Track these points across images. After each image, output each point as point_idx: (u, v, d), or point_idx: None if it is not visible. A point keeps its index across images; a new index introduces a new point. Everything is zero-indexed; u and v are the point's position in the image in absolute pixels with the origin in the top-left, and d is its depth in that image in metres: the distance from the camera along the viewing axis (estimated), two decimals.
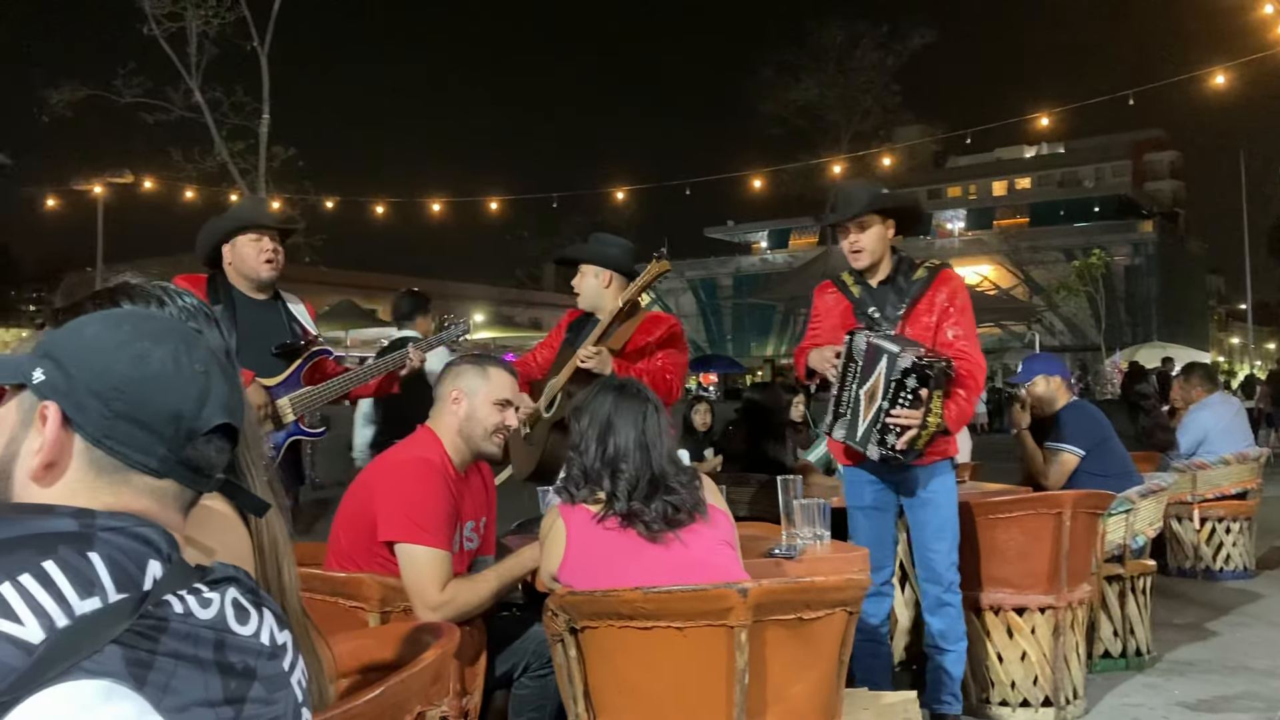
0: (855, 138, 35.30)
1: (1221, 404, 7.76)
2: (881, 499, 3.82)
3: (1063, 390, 5.32)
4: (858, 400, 3.62)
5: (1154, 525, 5.27)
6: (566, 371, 3.98)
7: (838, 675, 2.51)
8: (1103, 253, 45.39)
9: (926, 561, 3.81)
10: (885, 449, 3.54)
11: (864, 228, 3.76)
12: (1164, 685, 4.67)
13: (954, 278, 3.85)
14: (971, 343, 3.73)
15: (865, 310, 3.80)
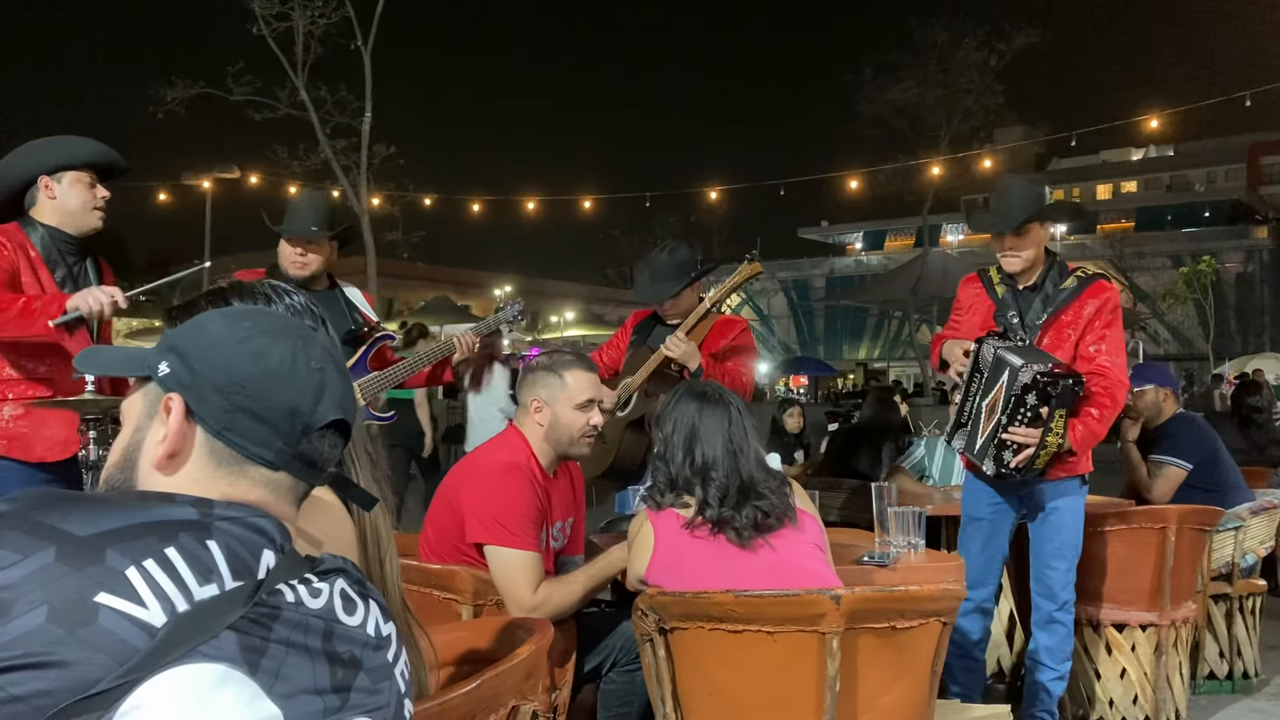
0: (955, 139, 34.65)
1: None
2: (998, 513, 3.71)
3: (1171, 401, 5.18)
4: (979, 411, 3.52)
5: (1265, 544, 5.08)
6: (645, 370, 3.99)
7: (930, 686, 2.47)
8: (1213, 259, 43.80)
9: (1043, 578, 3.69)
10: (1001, 465, 3.44)
11: (1021, 235, 3.56)
12: (1273, 710, 4.49)
13: (1107, 289, 3.64)
14: (1116, 359, 3.55)
15: (1005, 314, 3.65)
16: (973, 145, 33.19)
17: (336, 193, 23.33)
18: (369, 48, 22.64)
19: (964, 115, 35.95)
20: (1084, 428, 3.46)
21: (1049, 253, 3.69)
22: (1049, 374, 3.32)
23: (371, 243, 23.71)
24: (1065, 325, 3.58)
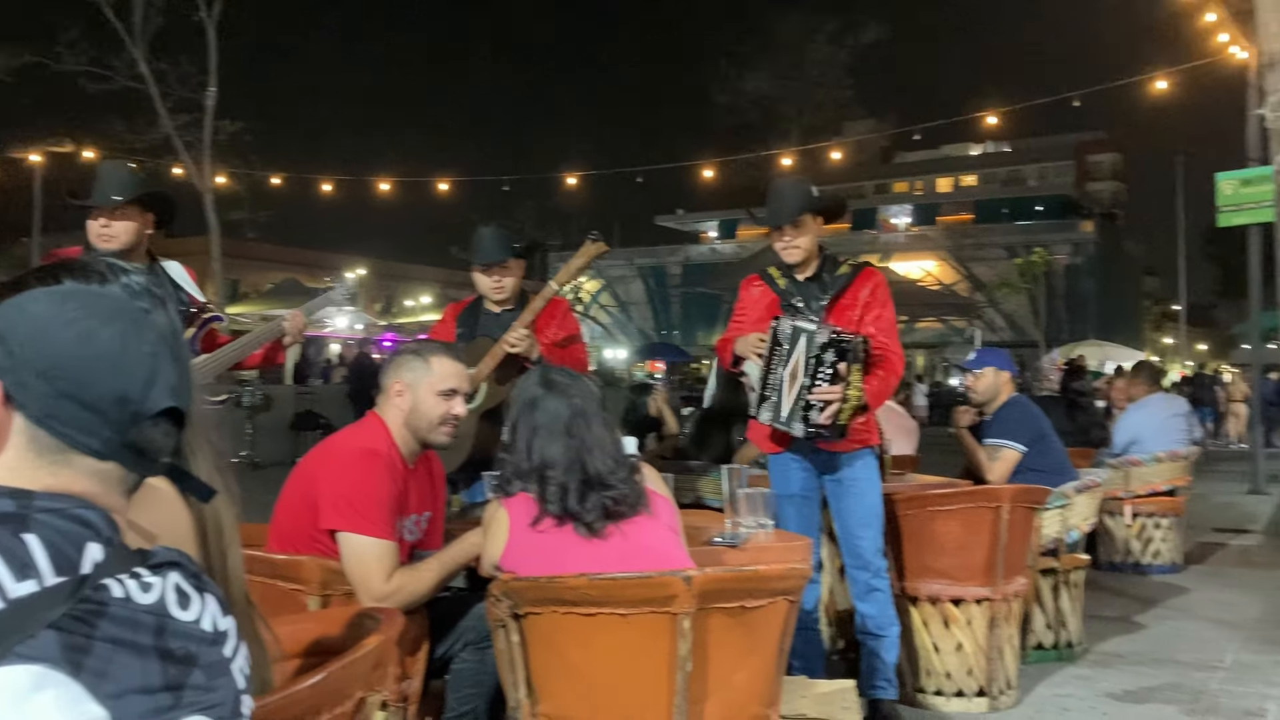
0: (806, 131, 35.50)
1: (1160, 404, 7.94)
2: (808, 486, 3.90)
3: (1008, 384, 5.45)
4: (781, 382, 3.72)
5: (1088, 520, 5.39)
6: (491, 360, 3.97)
7: (778, 664, 2.54)
8: (1044, 251, 46.16)
9: (854, 548, 3.88)
10: (809, 425, 3.64)
11: (799, 226, 3.88)
12: (1093, 676, 4.78)
13: (876, 274, 4.01)
14: (891, 335, 3.89)
15: (790, 301, 3.92)
16: (823, 137, 34.05)
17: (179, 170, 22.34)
18: (214, 18, 21.73)
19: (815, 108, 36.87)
20: (877, 384, 3.77)
21: (823, 249, 3.99)
22: (842, 336, 3.60)
23: (215, 222, 22.81)
24: (846, 308, 3.88)
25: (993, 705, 4.25)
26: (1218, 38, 13.84)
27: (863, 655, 3.96)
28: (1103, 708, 4.35)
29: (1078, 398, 9.04)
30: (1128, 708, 4.35)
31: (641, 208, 58.77)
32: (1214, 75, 15.66)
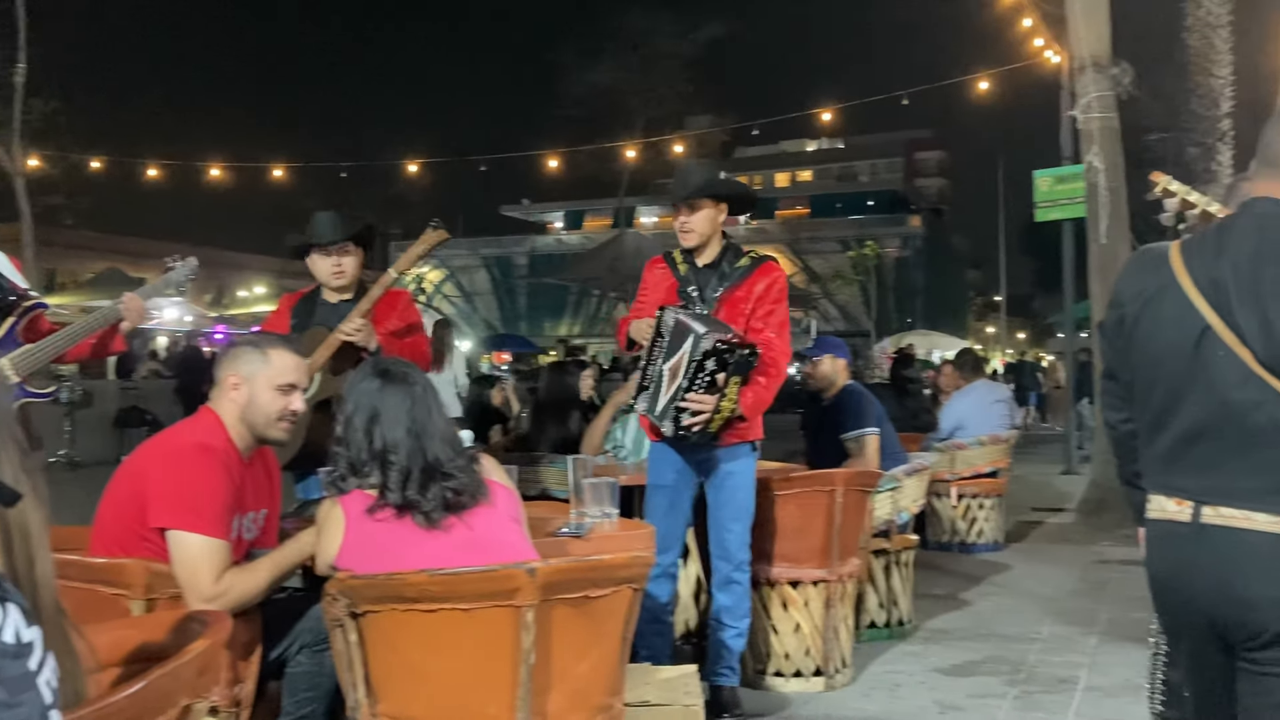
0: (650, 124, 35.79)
1: (983, 390, 8.36)
2: (682, 478, 3.90)
3: (844, 371, 5.65)
4: (661, 375, 3.70)
5: (917, 502, 5.63)
6: (326, 349, 3.86)
7: (621, 652, 2.56)
8: (875, 244, 47.94)
9: (721, 540, 3.93)
10: (679, 427, 3.64)
11: (694, 209, 3.86)
12: (923, 652, 5.00)
13: (775, 270, 3.99)
14: (781, 333, 3.88)
15: (686, 289, 3.91)
16: (665, 131, 34.39)
17: None
18: None
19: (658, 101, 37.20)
20: (754, 395, 3.75)
21: (727, 237, 3.98)
22: (728, 343, 3.55)
23: (28, 208, 21.44)
24: (739, 300, 3.87)
25: (829, 684, 4.39)
26: (1034, 42, 14.60)
27: (711, 643, 4.03)
28: (931, 682, 4.55)
29: (907, 385, 9.44)
30: (954, 681, 4.56)
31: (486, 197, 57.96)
32: (1031, 77, 16.52)
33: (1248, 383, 1.85)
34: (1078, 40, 9.33)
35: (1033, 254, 46.11)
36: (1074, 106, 9.58)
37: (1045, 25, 13.61)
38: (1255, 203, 1.96)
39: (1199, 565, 1.92)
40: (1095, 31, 9.15)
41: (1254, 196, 1.97)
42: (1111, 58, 9.22)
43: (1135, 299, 2.06)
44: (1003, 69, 17.75)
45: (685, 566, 4.73)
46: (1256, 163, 2.01)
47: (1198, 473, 1.93)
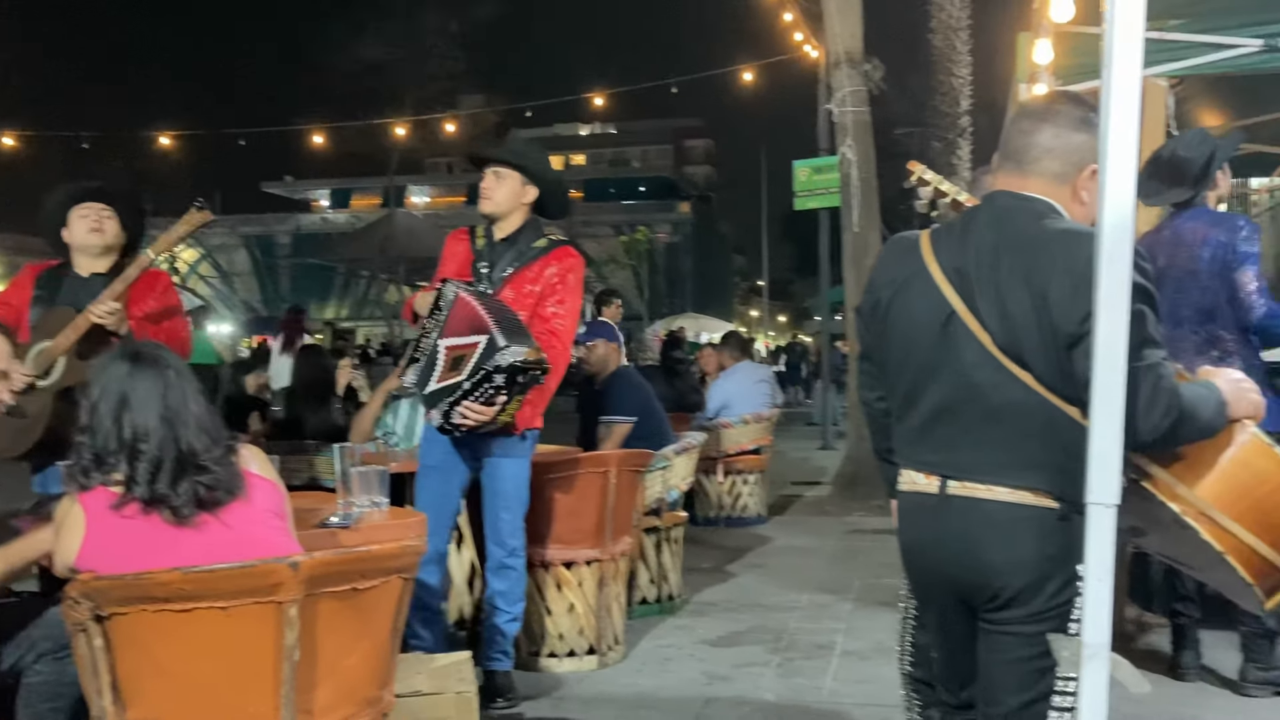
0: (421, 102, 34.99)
1: (747, 371, 8.68)
2: (451, 461, 3.83)
3: (616, 356, 5.74)
4: (435, 351, 3.58)
5: (686, 480, 5.79)
6: (72, 331, 3.55)
7: (392, 643, 2.50)
8: (647, 230, 48.89)
9: (494, 526, 3.90)
10: (447, 421, 3.57)
11: (500, 178, 3.79)
12: (692, 625, 5.15)
13: (572, 255, 3.90)
14: (568, 323, 3.84)
15: (479, 264, 3.83)
16: (437, 109, 33.75)
17: None
18: None
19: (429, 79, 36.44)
20: (531, 409, 3.75)
21: (535, 216, 3.92)
22: (524, 365, 3.46)
23: None
24: (527, 281, 3.81)
25: (601, 662, 4.46)
26: (795, 36, 15.20)
27: (485, 628, 4.00)
28: (700, 654, 4.69)
29: (676, 366, 9.66)
30: (721, 651, 4.72)
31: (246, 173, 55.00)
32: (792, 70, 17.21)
33: (988, 365, 1.99)
34: (833, 36, 9.79)
35: (793, 241, 48.27)
36: (830, 100, 10.06)
37: (805, 21, 14.20)
38: (996, 195, 2.11)
39: (945, 534, 2.06)
40: (849, 29, 9.62)
41: (995, 190, 2.12)
42: (864, 55, 9.73)
43: (888, 285, 2.18)
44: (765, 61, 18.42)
45: (459, 552, 4.68)
46: (998, 157, 2.17)
47: (944, 448, 2.06)
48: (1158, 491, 2.00)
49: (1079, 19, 4.12)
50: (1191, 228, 3.92)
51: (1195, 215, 3.95)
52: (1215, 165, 3.96)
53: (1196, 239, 3.89)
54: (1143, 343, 1.82)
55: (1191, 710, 3.81)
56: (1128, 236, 1.72)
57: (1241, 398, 1.99)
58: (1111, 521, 1.72)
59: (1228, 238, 3.83)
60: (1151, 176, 4.06)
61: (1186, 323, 3.91)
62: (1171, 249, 3.96)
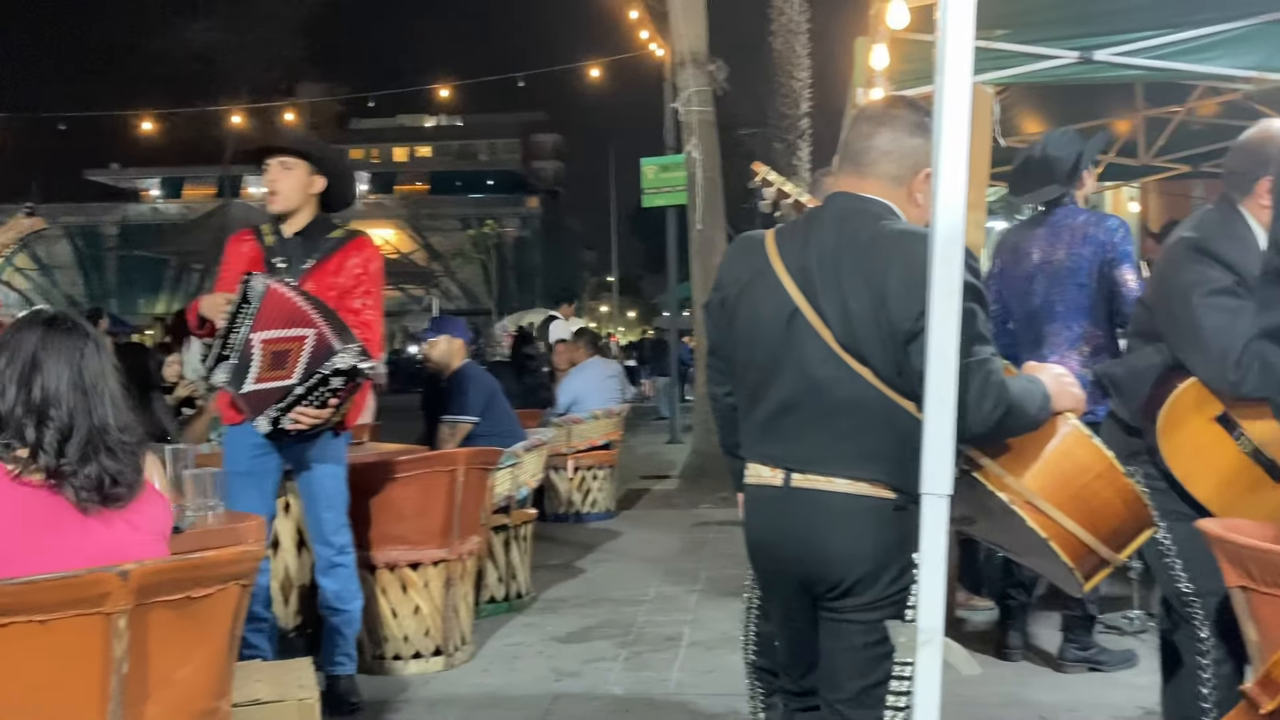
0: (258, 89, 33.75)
1: (597, 366, 8.71)
2: (264, 464, 3.69)
3: (461, 353, 5.65)
4: (247, 345, 3.46)
5: (536, 477, 5.77)
6: None
7: (229, 652, 2.40)
8: (495, 224, 48.54)
9: (318, 527, 3.80)
10: (277, 426, 3.46)
11: (287, 169, 3.66)
12: (540, 622, 5.13)
13: (370, 245, 3.85)
14: (377, 315, 3.78)
15: (273, 259, 3.69)
16: (274, 97, 32.62)
17: None
18: None
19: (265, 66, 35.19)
20: (356, 403, 3.70)
21: (323, 210, 3.81)
22: (359, 367, 3.40)
23: None
24: (329, 274, 3.72)
25: (449, 663, 4.40)
26: (641, 35, 15.32)
27: (324, 631, 3.89)
28: (549, 651, 4.68)
29: (526, 362, 9.62)
30: (570, 647, 4.73)
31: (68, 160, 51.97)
32: (639, 68, 17.36)
33: (829, 361, 2.05)
34: (678, 36, 9.91)
35: (641, 237, 48.69)
36: (676, 99, 10.18)
37: (650, 19, 14.32)
38: (837, 197, 2.17)
39: (789, 525, 2.11)
40: (694, 29, 9.76)
41: (836, 191, 2.19)
42: (708, 55, 9.88)
43: (735, 282, 2.22)
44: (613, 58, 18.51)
45: (300, 555, 4.54)
46: (838, 159, 2.23)
47: (788, 442, 2.12)
48: (987, 481, 2.10)
49: (913, 27, 4.27)
50: (1068, 225, 4.06)
51: (1070, 213, 4.10)
52: (1084, 164, 4.15)
53: (1076, 236, 4.03)
54: (973, 339, 1.90)
55: (1016, 688, 4.01)
56: (959, 238, 1.79)
57: (1064, 392, 2.11)
58: (945, 511, 1.80)
59: (1107, 236, 3.99)
60: (1023, 174, 4.21)
61: (1060, 318, 4.06)
62: (1047, 245, 4.09)
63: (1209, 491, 2.57)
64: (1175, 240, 2.72)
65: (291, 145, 3.70)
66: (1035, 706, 3.83)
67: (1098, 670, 4.12)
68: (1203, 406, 2.56)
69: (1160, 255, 2.85)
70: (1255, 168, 2.58)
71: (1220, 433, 2.55)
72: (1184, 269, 2.60)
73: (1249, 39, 4.55)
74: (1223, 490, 2.56)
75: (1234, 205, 2.64)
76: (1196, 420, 2.56)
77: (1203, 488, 2.57)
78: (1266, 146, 2.59)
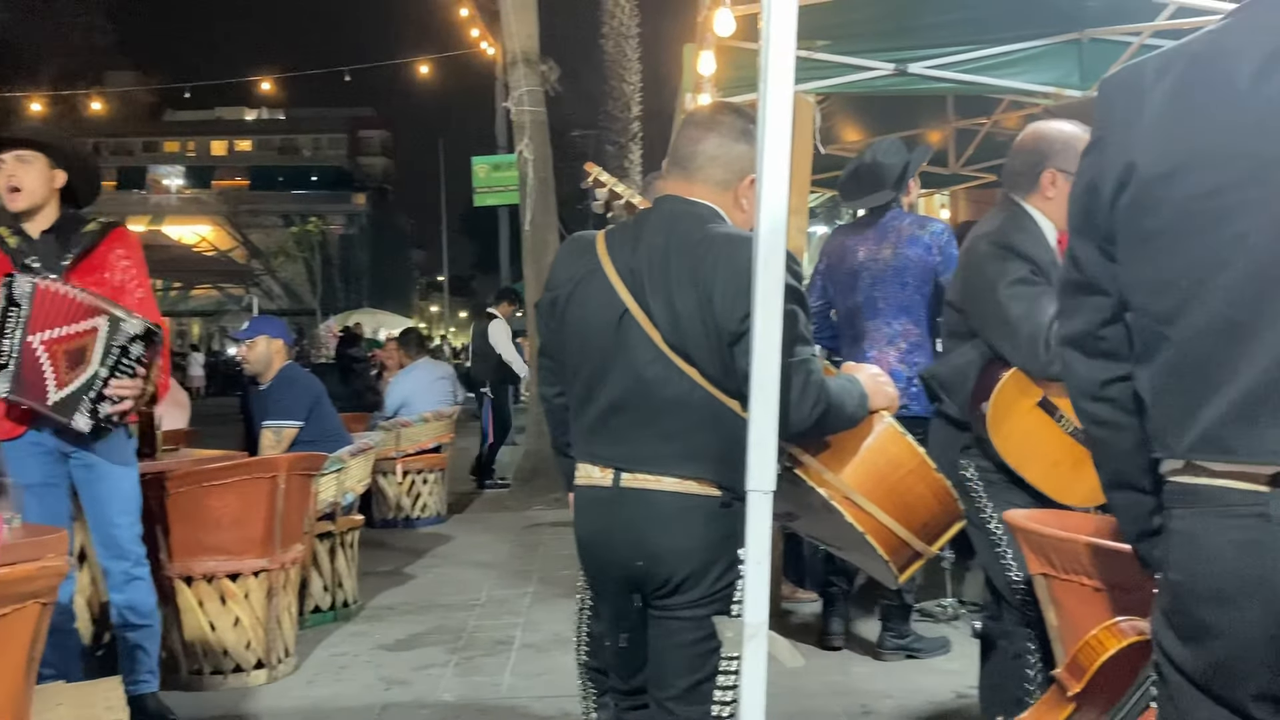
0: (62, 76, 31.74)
1: (427, 368, 8.56)
2: (52, 473, 3.46)
3: (281, 354, 5.43)
4: (27, 349, 3.28)
5: (363, 482, 5.62)
6: None
7: (28, 674, 2.25)
8: (320, 221, 47.14)
9: (110, 538, 3.57)
10: (98, 419, 3.30)
11: (25, 162, 3.40)
12: (368, 631, 5.01)
13: (129, 235, 3.69)
14: (153, 301, 3.65)
15: (25, 260, 3.43)
16: (80, 85, 30.77)
17: None
18: None
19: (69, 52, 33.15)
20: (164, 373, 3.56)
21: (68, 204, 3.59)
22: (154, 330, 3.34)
23: None
24: (94, 269, 3.52)
25: (271, 675, 4.24)
26: (471, 32, 15.16)
27: (123, 649, 3.67)
28: (377, 660, 4.57)
29: (353, 364, 9.38)
30: (399, 655, 4.63)
31: None
32: (470, 66, 17.18)
33: (658, 361, 2.07)
34: (510, 35, 9.85)
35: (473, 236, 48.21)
36: (508, 98, 10.12)
37: (482, 17, 14.20)
38: (665, 200, 2.20)
39: (619, 525, 2.12)
40: (525, 28, 9.72)
41: (665, 194, 2.21)
42: (540, 55, 9.86)
43: (566, 282, 2.22)
44: (443, 55, 18.25)
45: (82, 569, 4.28)
46: (667, 163, 2.26)
47: (618, 442, 2.13)
48: (808, 478, 2.17)
49: (739, 35, 4.37)
50: (896, 227, 4.24)
51: (897, 216, 4.29)
52: (910, 172, 4.34)
53: (902, 238, 4.21)
54: (795, 340, 1.96)
55: (838, 677, 4.16)
56: (782, 242, 1.84)
57: (879, 390, 2.20)
58: (769, 507, 1.84)
59: (933, 240, 4.19)
60: (854, 180, 4.38)
61: (880, 314, 4.24)
62: (874, 245, 4.27)
63: (1040, 474, 2.74)
64: (974, 241, 2.92)
65: (29, 137, 3.46)
66: (856, 695, 3.97)
67: (914, 657, 4.32)
68: (1025, 394, 2.73)
69: (961, 257, 3.02)
70: (1035, 164, 2.82)
71: (1044, 417, 2.72)
72: (986, 266, 2.79)
73: (1048, 56, 4.87)
74: (1051, 472, 2.74)
75: (1019, 204, 2.86)
76: (1021, 408, 2.73)
77: (1034, 471, 2.74)
78: (1040, 144, 2.84)
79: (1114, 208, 1.49)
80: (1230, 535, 1.35)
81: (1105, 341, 1.56)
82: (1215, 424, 1.37)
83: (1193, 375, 1.40)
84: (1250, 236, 1.35)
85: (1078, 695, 1.88)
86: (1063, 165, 2.72)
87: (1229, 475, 1.36)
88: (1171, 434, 1.44)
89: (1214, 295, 1.38)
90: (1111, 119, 1.52)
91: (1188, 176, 1.40)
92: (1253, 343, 1.34)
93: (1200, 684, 1.41)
